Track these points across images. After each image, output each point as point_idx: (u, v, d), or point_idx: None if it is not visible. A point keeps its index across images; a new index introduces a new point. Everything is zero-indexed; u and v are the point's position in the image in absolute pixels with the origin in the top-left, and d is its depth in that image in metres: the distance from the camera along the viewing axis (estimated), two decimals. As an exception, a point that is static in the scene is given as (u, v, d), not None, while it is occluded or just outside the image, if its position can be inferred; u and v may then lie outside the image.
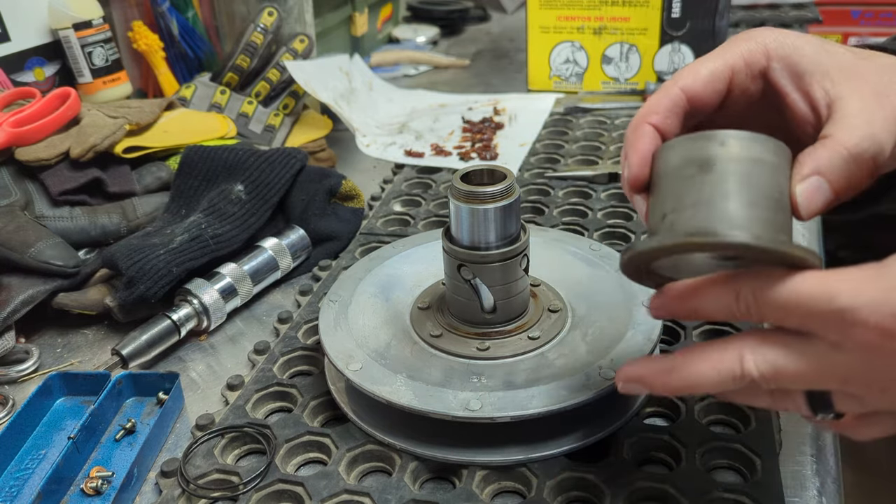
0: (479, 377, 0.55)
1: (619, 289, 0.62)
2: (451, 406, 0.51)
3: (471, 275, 0.58)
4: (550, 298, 0.63)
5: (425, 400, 0.51)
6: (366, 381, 0.53)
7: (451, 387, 0.53)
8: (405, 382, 0.53)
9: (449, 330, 0.60)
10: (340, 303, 0.63)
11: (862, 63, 0.45)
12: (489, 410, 0.50)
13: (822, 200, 0.42)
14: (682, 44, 1.24)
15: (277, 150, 0.82)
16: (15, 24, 0.96)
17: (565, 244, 0.69)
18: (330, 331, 0.59)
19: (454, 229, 0.58)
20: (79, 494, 0.53)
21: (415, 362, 0.57)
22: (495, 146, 1.09)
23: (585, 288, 0.64)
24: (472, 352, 0.58)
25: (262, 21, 1.05)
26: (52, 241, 0.71)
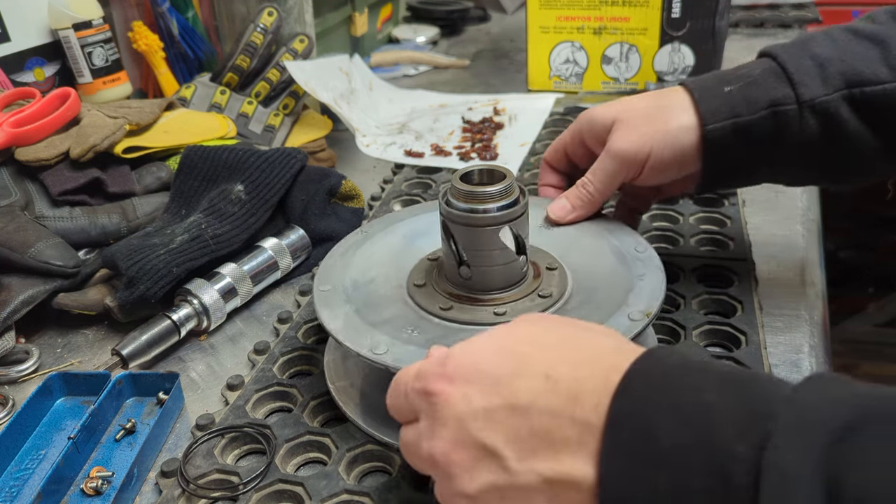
0: (413, 330, 0.55)
1: (624, 294, 0.58)
2: (361, 344, 0.52)
3: (449, 232, 0.58)
4: (552, 284, 0.60)
5: (348, 333, 0.54)
6: (320, 303, 0.57)
7: (382, 330, 0.54)
8: (348, 312, 0.56)
9: (432, 284, 0.60)
10: (362, 232, 0.66)
11: (634, 104, 0.65)
12: (388, 358, 0.50)
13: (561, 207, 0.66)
14: (682, 44, 1.24)
15: (277, 150, 0.82)
16: (15, 24, 0.96)
17: (612, 237, 0.65)
18: (333, 257, 0.62)
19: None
20: (79, 494, 0.53)
21: (379, 300, 0.59)
22: (495, 146, 1.09)
23: (596, 283, 0.61)
24: (433, 308, 0.58)
25: (262, 21, 1.05)
26: (52, 241, 0.71)
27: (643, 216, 0.80)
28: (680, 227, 0.83)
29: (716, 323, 0.65)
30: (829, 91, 0.59)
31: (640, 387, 0.34)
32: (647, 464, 0.32)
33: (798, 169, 0.63)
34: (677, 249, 0.79)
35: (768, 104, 0.60)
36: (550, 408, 0.36)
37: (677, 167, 0.63)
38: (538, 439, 0.36)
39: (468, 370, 0.39)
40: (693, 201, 0.88)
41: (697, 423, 0.32)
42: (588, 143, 0.67)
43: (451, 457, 0.38)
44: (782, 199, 0.89)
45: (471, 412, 0.38)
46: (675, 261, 0.74)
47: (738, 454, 0.30)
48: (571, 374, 0.37)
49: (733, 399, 0.32)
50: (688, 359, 0.36)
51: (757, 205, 0.87)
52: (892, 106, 0.59)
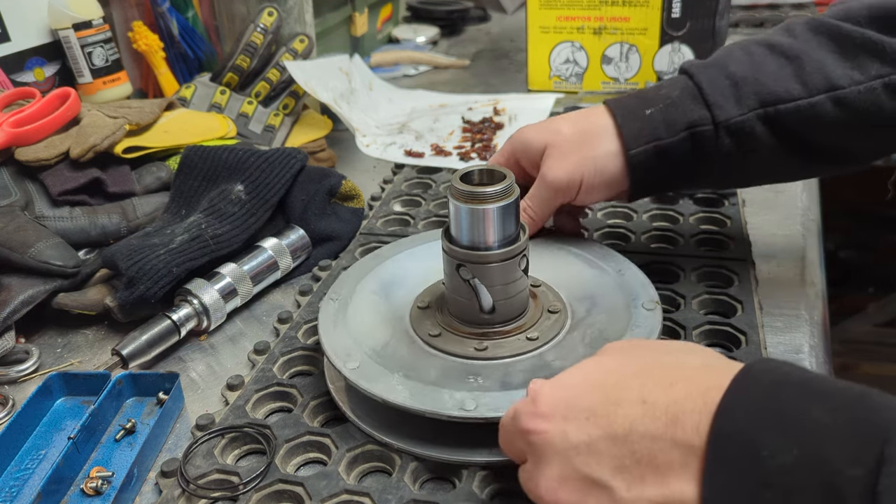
0: (475, 377, 0.55)
1: (620, 290, 0.62)
2: (445, 406, 0.51)
3: (469, 275, 0.58)
4: (550, 299, 0.63)
5: (421, 399, 0.51)
6: (362, 380, 0.53)
7: (446, 386, 0.53)
8: (401, 381, 0.53)
9: (447, 329, 0.60)
10: (340, 301, 0.63)
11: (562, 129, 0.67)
12: (484, 410, 0.50)
13: None
14: (682, 44, 1.24)
15: (277, 150, 0.82)
16: (15, 24, 0.96)
17: (567, 245, 0.69)
18: (329, 329, 0.59)
19: (454, 229, 0.58)
20: (79, 494, 0.53)
21: (412, 361, 0.57)
22: (495, 146, 1.09)
23: (586, 289, 0.64)
24: (469, 352, 0.58)
25: (262, 21, 1.05)
26: (52, 241, 0.71)
27: (594, 215, 0.86)
28: (680, 227, 0.83)
29: (716, 323, 0.65)
30: (744, 111, 0.62)
31: (741, 405, 0.34)
32: (751, 482, 0.32)
33: (718, 179, 0.69)
34: (677, 249, 0.79)
35: (686, 126, 0.64)
36: (650, 433, 0.36)
37: (607, 189, 0.67)
38: (643, 466, 0.36)
39: (561, 406, 0.40)
40: (693, 201, 0.88)
41: (806, 443, 0.31)
42: (522, 163, 0.70)
43: (559, 495, 0.39)
44: (782, 199, 0.89)
45: (572, 447, 0.38)
46: (675, 261, 0.75)
47: (851, 478, 0.29)
48: (667, 397, 0.37)
49: (842, 418, 0.32)
50: (789, 374, 0.36)
51: (757, 205, 0.87)
52: (804, 121, 0.61)
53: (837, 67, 0.60)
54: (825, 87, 0.60)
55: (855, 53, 0.60)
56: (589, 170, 0.65)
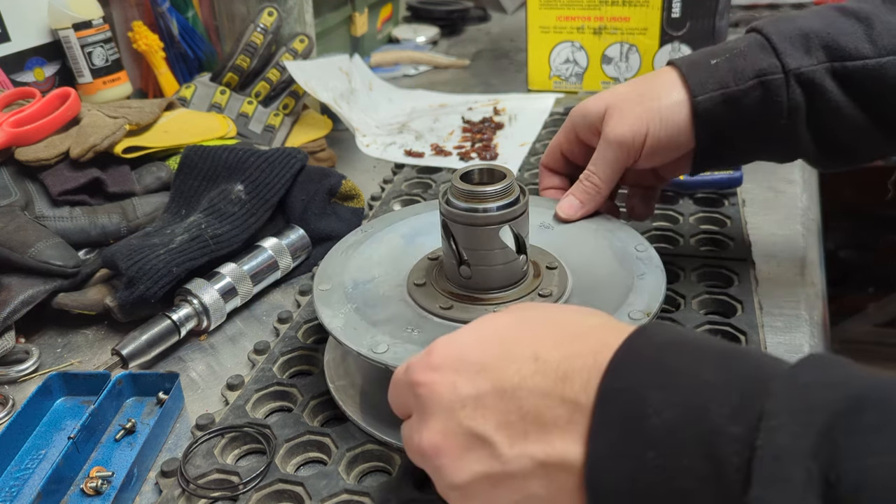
0: (414, 329, 0.55)
1: (624, 294, 0.58)
2: (361, 343, 0.52)
3: (449, 232, 0.58)
4: (552, 283, 0.60)
5: (347, 332, 0.53)
6: (321, 301, 0.57)
7: (382, 329, 0.54)
8: (348, 312, 0.56)
9: (432, 284, 0.60)
10: (364, 230, 0.66)
11: (622, 90, 0.65)
12: (389, 357, 0.50)
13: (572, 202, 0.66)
14: (682, 44, 1.24)
15: (277, 150, 0.82)
16: (15, 24, 0.96)
17: (613, 237, 0.65)
18: (333, 256, 0.62)
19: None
20: (79, 494, 0.53)
21: (377, 300, 0.59)
22: (495, 146, 1.09)
23: (596, 284, 0.61)
24: (433, 307, 0.58)
25: (262, 21, 1.05)
26: (52, 241, 0.71)
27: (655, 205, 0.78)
28: (680, 227, 0.83)
29: (716, 323, 0.65)
30: (814, 62, 0.60)
31: (630, 364, 0.34)
32: (635, 442, 0.31)
33: (789, 142, 0.63)
34: (677, 249, 0.79)
35: (755, 74, 0.61)
36: (540, 388, 0.35)
37: (674, 146, 0.63)
38: (529, 422, 0.35)
39: (454, 358, 0.39)
40: (693, 201, 0.88)
41: (689, 401, 0.31)
42: (583, 137, 0.67)
43: (440, 448, 0.38)
44: (782, 199, 0.89)
45: (458, 400, 0.37)
46: (675, 261, 0.74)
47: (731, 433, 0.29)
48: (560, 354, 0.36)
49: (728, 377, 0.31)
50: (681, 335, 0.35)
51: (757, 205, 0.87)
52: (875, 81, 0.60)
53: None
54: (895, 49, 0.59)
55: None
56: (654, 121, 0.62)
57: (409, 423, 0.41)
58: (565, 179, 0.72)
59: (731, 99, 0.61)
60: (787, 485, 0.27)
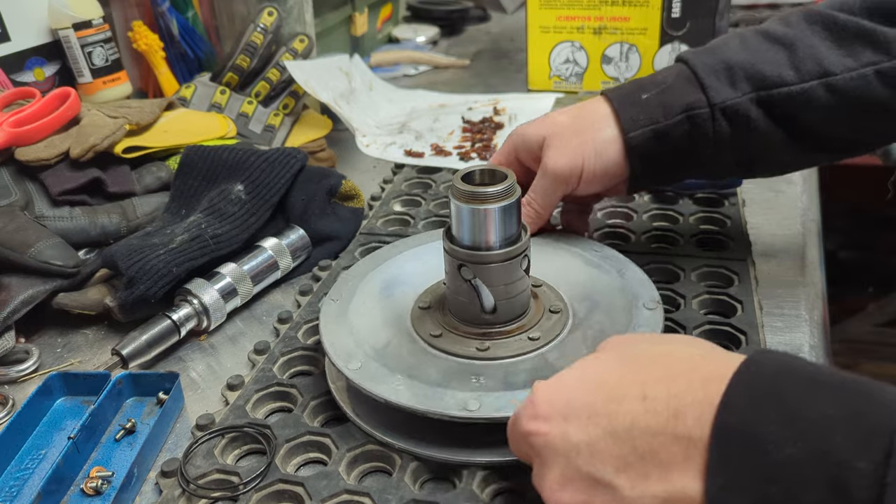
0: (478, 377, 0.55)
1: (621, 290, 0.62)
2: (448, 406, 0.50)
3: (471, 275, 0.58)
4: (552, 299, 0.63)
5: (423, 400, 0.51)
6: (365, 380, 0.53)
7: (449, 387, 0.53)
8: (403, 382, 0.53)
9: (449, 330, 0.60)
10: (341, 302, 0.63)
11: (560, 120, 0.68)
12: (487, 411, 0.50)
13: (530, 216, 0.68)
14: (682, 44, 1.24)
15: (277, 150, 0.82)
16: (15, 24, 0.96)
17: (568, 245, 0.69)
18: (330, 329, 0.59)
19: (455, 229, 0.58)
20: (79, 494, 0.53)
21: (414, 362, 0.57)
22: (495, 146, 1.09)
23: (587, 289, 0.64)
24: (471, 352, 0.58)
25: (262, 21, 1.05)
26: (52, 241, 0.71)
27: (594, 215, 0.84)
28: (680, 227, 0.83)
29: (716, 323, 0.65)
30: (739, 94, 0.63)
31: (744, 397, 0.34)
32: (756, 477, 0.31)
33: (715, 165, 0.68)
34: (677, 249, 0.79)
35: (682, 109, 0.64)
36: (652, 428, 0.36)
37: (609, 176, 0.67)
38: (646, 462, 0.35)
39: (560, 406, 0.39)
40: (693, 201, 0.88)
41: (811, 436, 0.31)
42: (522, 159, 0.71)
43: (564, 496, 0.38)
44: (782, 199, 0.89)
45: (572, 447, 0.38)
46: (675, 261, 0.74)
47: (859, 469, 0.29)
48: (668, 391, 0.36)
49: (848, 410, 0.31)
50: (791, 365, 0.35)
51: (757, 205, 0.87)
52: (798, 105, 0.62)
53: (830, 54, 0.61)
54: (818, 74, 0.61)
55: (848, 41, 0.61)
56: (589, 155, 0.65)
57: (535, 473, 0.42)
58: None
59: (661, 133, 0.65)
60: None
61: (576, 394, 0.40)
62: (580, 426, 0.38)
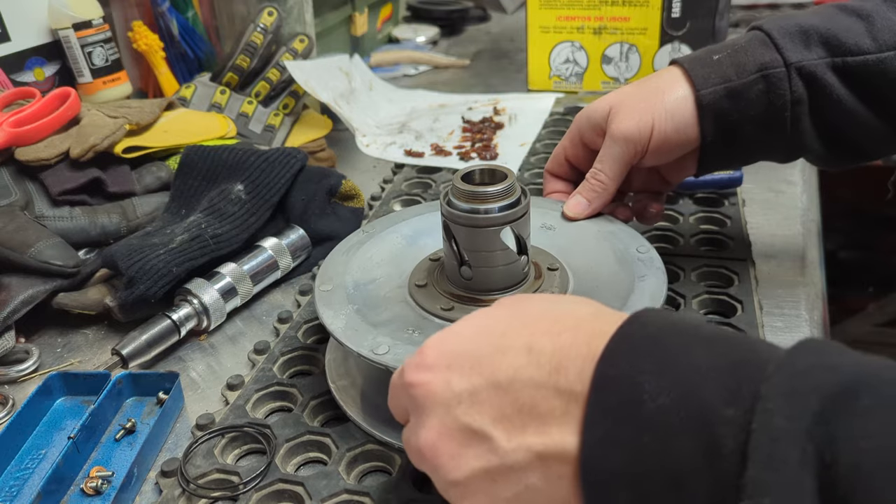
0: (414, 330, 0.55)
1: (626, 294, 0.58)
2: (362, 345, 0.51)
3: (451, 233, 0.58)
4: (553, 285, 0.61)
5: (347, 333, 0.53)
6: (322, 303, 0.57)
7: (382, 331, 0.53)
8: (349, 313, 0.55)
9: (434, 285, 0.60)
10: (359, 241, 0.65)
11: (626, 90, 0.66)
12: (390, 358, 0.50)
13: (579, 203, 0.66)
14: (682, 44, 1.24)
15: (277, 150, 0.82)
16: (15, 24, 0.96)
17: (614, 238, 0.65)
18: (334, 257, 0.62)
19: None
20: (79, 494, 0.53)
21: (379, 301, 0.59)
22: (495, 146, 1.09)
23: (598, 285, 0.61)
24: (434, 309, 0.58)
25: (262, 21, 1.05)
26: (52, 241, 0.71)
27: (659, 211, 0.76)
28: (680, 227, 0.83)
29: (716, 313, 0.65)
30: (815, 57, 0.61)
31: (624, 351, 0.33)
32: (630, 428, 0.31)
33: (793, 136, 0.63)
34: (677, 249, 0.79)
35: (757, 68, 0.62)
36: (534, 380, 0.35)
37: (680, 140, 0.63)
38: (525, 414, 0.35)
39: (446, 355, 0.39)
40: (693, 201, 0.88)
41: (684, 385, 0.31)
42: (587, 140, 0.68)
43: (438, 446, 0.37)
44: (782, 199, 0.89)
45: (454, 396, 0.37)
46: (675, 261, 0.74)
47: (727, 416, 0.29)
48: (553, 345, 0.36)
49: (722, 361, 0.31)
50: (674, 321, 0.35)
51: (757, 205, 0.87)
52: (876, 76, 0.60)
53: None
54: (895, 44, 0.60)
55: None
56: (659, 115, 0.62)
57: (407, 427, 0.41)
58: (569, 185, 0.71)
59: (735, 92, 0.62)
60: (783, 466, 0.27)
61: (462, 344, 0.39)
62: (463, 375, 0.37)
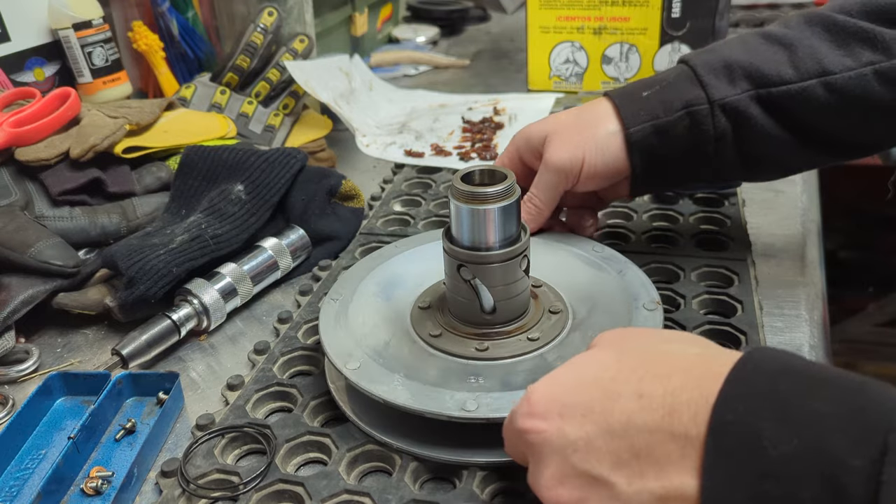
0: (476, 378, 0.55)
1: (621, 291, 0.62)
2: (447, 406, 0.50)
3: (470, 275, 0.58)
4: (551, 300, 0.63)
5: (421, 400, 0.51)
6: (363, 380, 0.53)
7: (447, 387, 0.53)
8: (402, 382, 0.53)
9: (448, 330, 0.60)
10: (341, 301, 0.63)
11: (563, 119, 0.69)
12: (485, 411, 0.50)
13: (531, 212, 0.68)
14: (682, 44, 1.24)
15: (277, 150, 0.82)
16: (15, 24, 0.96)
17: (568, 245, 0.69)
18: (330, 329, 0.59)
19: (454, 229, 0.58)
20: (79, 494, 0.53)
21: (413, 362, 0.57)
22: (495, 146, 1.09)
23: (587, 290, 0.64)
24: (470, 352, 0.58)
25: (262, 21, 1.05)
26: (52, 241, 0.71)
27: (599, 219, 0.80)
28: (680, 227, 0.83)
29: (716, 323, 0.65)
30: (738, 91, 0.64)
31: (740, 394, 0.34)
32: (752, 474, 0.31)
33: (717, 165, 0.67)
34: (677, 249, 0.79)
35: (683, 105, 0.65)
36: (648, 425, 0.36)
37: (609, 172, 0.67)
38: (643, 459, 0.36)
39: (557, 403, 0.39)
40: (693, 201, 0.88)
41: (807, 433, 0.31)
42: (525, 160, 0.71)
43: (561, 493, 0.38)
44: (782, 199, 0.89)
45: (569, 444, 0.38)
46: (675, 261, 0.74)
47: (854, 467, 0.29)
48: (664, 389, 0.36)
49: (844, 407, 0.31)
50: (789, 363, 0.35)
51: (757, 205, 0.87)
52: (798, 104, 0.63)
53: (830, 54, 0.62)
54: (817, 73, 0.62)
55: (847, 42, 0.62)
56: (590, 148, 0.66)
57: (530, 472, 0.42)
58: None
59: (661, 129, 0.65)
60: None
61: (571, 391, 0.39)
62: (576, 423, 0.38)
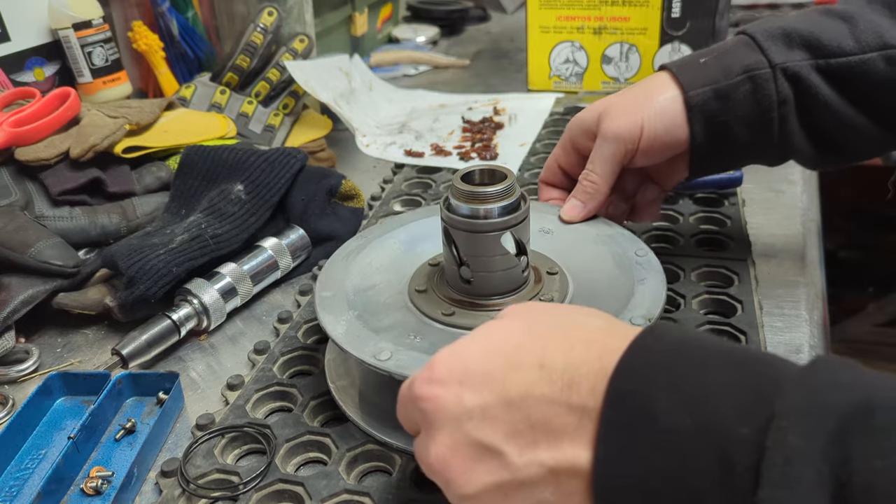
0: (416, 336, 0.55)
1: (626, 299, 0.58)
2: (364, 351, 0.51)
3: (451, 238, 0.58)
4: (553, 289, 0.61)
5: (350, 340, 0.53)
6: (323, 307, 0.56)
7: (385, 337, 0.53)
8: (349, 319, 0.55)
9: (433, 290, 0.60)
10: (357, 247, 0.65)
11: (615, 96, 0.67)
12: (393, 365, 0.49)
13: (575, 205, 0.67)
14: (682, 44, 1.24)
15: (277, 150, 0.82)
16: (15, 24, 0.96)
17: (612, 242, 0.65)
18: (332, 263, 0.62)
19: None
20: (79, 494, 0.53)
21: (379, 308, 0.58)
22: (495, 146, 1.09)
23: (596, 289, 0.61)
24: (436, 314, 0.58)
25: (262, 21, 1.05)
26: (52, 241, 0.71)
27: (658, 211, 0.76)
28: (680, 227, 0.83)
29: (716, 323, 0.65)
30: (798, 59, 0.62)
31: (637, 366, 0.33)
32: (643, 444, 0.31)
33: (782, 137, 0.64)
34: (677, 249, 0.79)
35: (743, 70, 0.63)
36: (546, 396, 0.35)
37: (670, 140, 0.64)
38: (538, 430, 0.35)
39: (458, 370, 0.38)
40: (693, 201, 0.88)
41: (697, 403, 0.31)
42: (579, 146, 0.69)
43: (449, 461, 0.37)
44: (782, 199, 0.89)
45: (465, 412, 0.37)
46: (675, 261, 0.74)
47: (740, 435, 0.29)
48: (565, 360, 0.36)
49: (736, 378, 0.31)
50: (687, 336, 0.35)
51: (757, 205, 0.87)
52: (860, 77, 0.61)
53: (892, 28, 0.61)
54: (878, 45, 0.61)
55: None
56: (649, 115, 0.64)
57: (418, 439, 0.41)
58: (564, 193, 0.72)
59: (722, 93, 0.63)
60: (798, 485, 0.27)
61: (474, 360, 0.38)
62: (475, 391, 0.37)
